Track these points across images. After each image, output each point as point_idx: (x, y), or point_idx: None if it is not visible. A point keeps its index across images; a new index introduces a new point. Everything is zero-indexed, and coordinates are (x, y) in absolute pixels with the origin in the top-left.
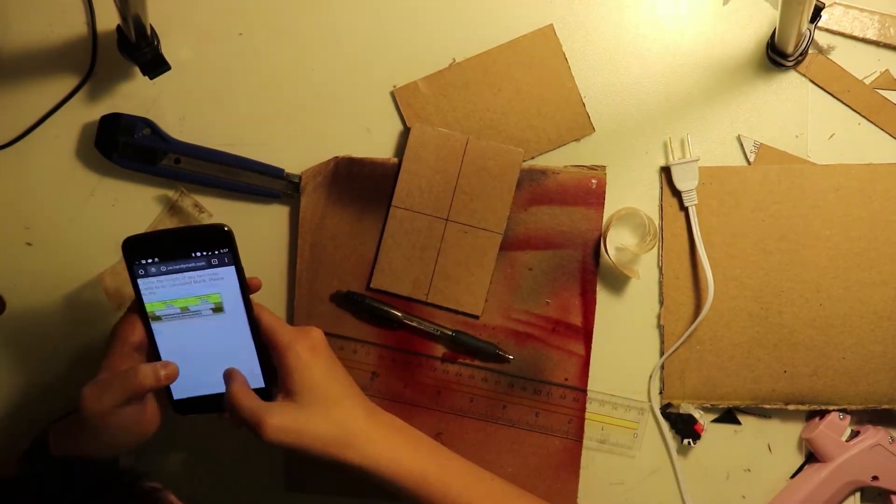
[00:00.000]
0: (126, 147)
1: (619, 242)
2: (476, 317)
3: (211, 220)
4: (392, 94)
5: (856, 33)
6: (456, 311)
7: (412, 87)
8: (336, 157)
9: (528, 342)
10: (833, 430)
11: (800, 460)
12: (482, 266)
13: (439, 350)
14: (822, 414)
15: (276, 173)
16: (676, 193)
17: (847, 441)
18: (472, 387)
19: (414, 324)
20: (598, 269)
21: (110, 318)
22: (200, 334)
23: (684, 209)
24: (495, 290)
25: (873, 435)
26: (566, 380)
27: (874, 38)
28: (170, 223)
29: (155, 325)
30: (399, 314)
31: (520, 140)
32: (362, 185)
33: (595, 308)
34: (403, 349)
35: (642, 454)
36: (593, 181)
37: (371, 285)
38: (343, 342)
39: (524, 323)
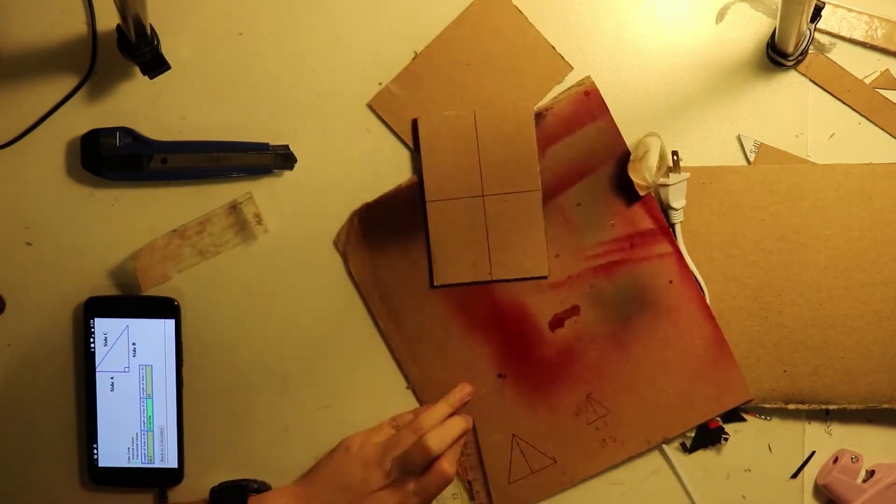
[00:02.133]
0: (112, 160)
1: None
2: (544, 277)
3: (266, 235)
4: (370, 107)
5: (843, 33)
6: (524, 279)
7: (385, 94)
8: (353, 211)
9: (618, 269)
10: (847, 474)
11: (800, 460)
12: (533, 226)
13: (543, 320)
14: (835, 458)
15: (262, 148)
16: (664, 209)
17: (863, 482)
18: (593, 337)
19: None
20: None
21: None
22: (134, 407)
23: (671, 225)
24: (561, 242)
25: (888, 473)
26: (671, 282)
27: (861, 39)
28: (225, 222)
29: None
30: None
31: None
32: (391, 222)
33: (656, 203)
34: (510, 338)
35: (641, 454)
36: (585, 93)
37: (434, 283)
38: (454, 363)
39: (603, 255)
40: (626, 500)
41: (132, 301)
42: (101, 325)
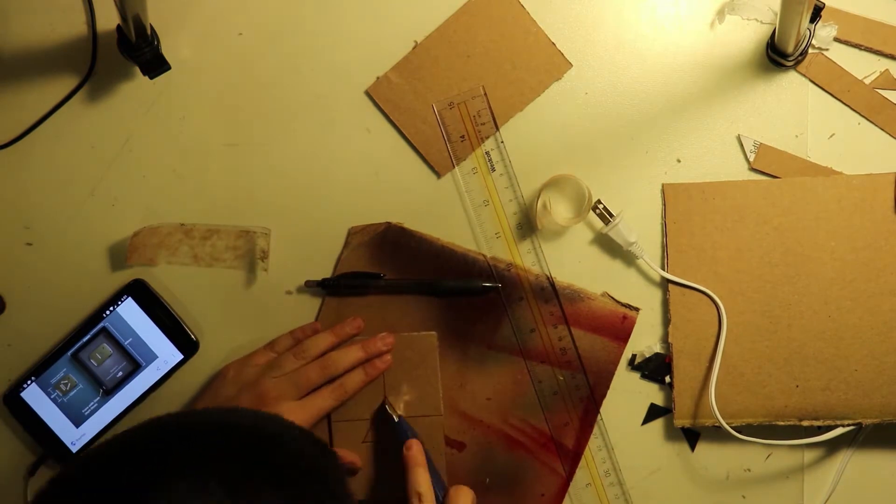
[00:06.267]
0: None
1: (553, 209)
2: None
3: (265, 275)
4: (367, 93)
5: (840, 35)
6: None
7: (384, 81)
8: (388, 222)
9: (517, 449)
10: None
11: (800, 459)
12: (435, 449)
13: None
14: None
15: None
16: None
17: None
18: (456, 471)
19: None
20: (603, 400)
21: None
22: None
23: (637, 258)
24: (500, 392)
25: None
26: (542, 495)
27: (857, 42)
28: (232, 242)
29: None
30: (381, 273)
31: (503, 97)
32: (404, 256)
33: (590, 436)
34: None
35: (642, 454)
36: (624, 317)
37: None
38: None
39: (518, 430)
40: (627, 501)
41: (170, 315)
42: (128, 308)
